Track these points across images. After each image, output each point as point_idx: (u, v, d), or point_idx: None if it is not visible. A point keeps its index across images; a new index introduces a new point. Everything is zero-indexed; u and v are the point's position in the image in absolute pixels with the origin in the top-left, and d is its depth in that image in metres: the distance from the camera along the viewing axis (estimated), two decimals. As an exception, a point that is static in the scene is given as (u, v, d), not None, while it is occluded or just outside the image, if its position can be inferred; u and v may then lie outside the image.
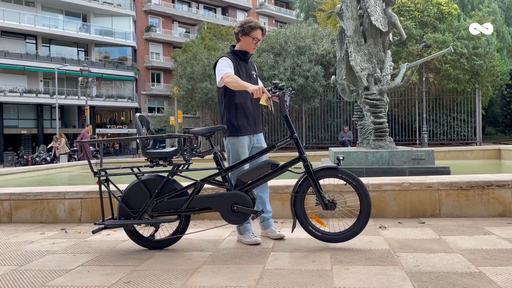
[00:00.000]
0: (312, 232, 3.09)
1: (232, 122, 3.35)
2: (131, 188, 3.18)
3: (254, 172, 3.09)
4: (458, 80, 20.14)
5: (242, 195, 3.04)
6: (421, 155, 6.62)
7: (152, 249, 3.20)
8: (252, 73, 3.52)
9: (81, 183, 7.47)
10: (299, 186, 3.12)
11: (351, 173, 3.11)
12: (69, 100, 34.54)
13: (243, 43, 3.42)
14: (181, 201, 3.09)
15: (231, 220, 3.06)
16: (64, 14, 35.65)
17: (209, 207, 3.09)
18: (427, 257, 2.76)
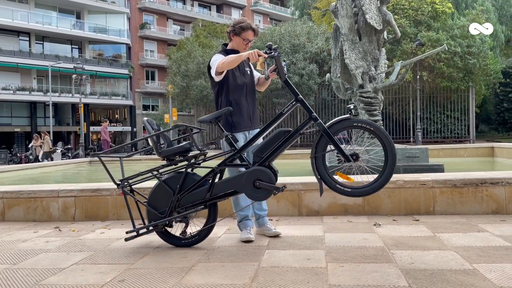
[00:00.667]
0: (342, 190, 2.92)
1: (227, 118, 3.34)
2: (154, 191, 3.17)
3: (268, 144, 3.02)
4: (452, 79, 20.25)
5: (262, 170, 2.97)
6: (415, 152, 6.65)
7: (186, 247, 3.14)
8: (246, 70, 3.51)
9: (76, 181, 7.44)
10: (316, 146, 2.96)
11: (366, 120, 3.00)
12: (63, 97, 34.32)
13: (234, 43, 3.44)
14: (204, 191, 3.06)
15: (255, 197, 2.99)
16: (58, 11, 35.37)
17: (232, 189, 3.04)
18: (421, 255, 2.77)
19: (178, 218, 3.11)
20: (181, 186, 3.08)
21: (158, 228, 3.13)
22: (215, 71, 3.29)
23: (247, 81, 3.45)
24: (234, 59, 3.15)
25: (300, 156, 13.40)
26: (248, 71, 3.52)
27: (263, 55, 3.02)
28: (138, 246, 3.25)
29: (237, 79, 3.39)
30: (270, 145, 3.01)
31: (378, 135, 2.88)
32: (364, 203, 4.11)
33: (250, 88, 3.48)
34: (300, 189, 4.20)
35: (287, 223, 3.90)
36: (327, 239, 3.23)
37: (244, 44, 3.41)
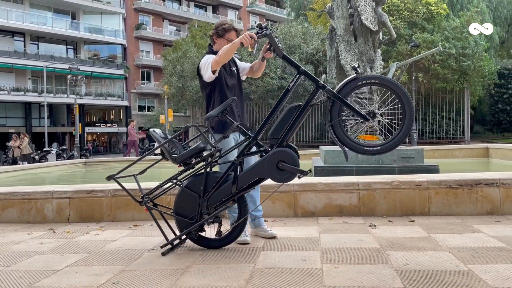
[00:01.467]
0: (370, 150, 2.88)
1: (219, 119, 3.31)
2: (178, 199, 3.12)
3: (282, 123, 2.96)
4: (447, 80, 20.34)
5: (282, 150, 2.90)
6: (411, 153, 6.67)
7: (225, 246, 3.11)
8: (233, 69, 3.51)
9: (70, 182, 7.41)
10: (331, 114, 2.91)
11: (374, 75, 2.95)
12: (58, 98, 34.17)
13: (219, 45, 3.40)
14: (229, 186, 3.00)
15: (280, 179, 2.91)
16: (53, 11, 35.22)
17: (257, 177, 2.97)
18: (416, 255, 2.77)
19: (210, 220, 3.03)
20: (205, 187, 3.03)
21: (191, 235, 3.07)
22: (211, 69, 3.25)
23: (235, 82, 3.46)
24: (229, 49, 3.11)
25: (296, 157, 13.39)
26: (235, 71, 3.51)
27: (255, 36, 3.01)
28: (132, 248, 3.23)
29: (227, 80, 3.39)
30: (284, 124, 2.94)
31: (391, 87, 2.84)
32: (360, 204, 4.11)
33: (238, 88, 3.49)
34: (296, 190, 4.19)
35: (283, 224, 3.89)
36: (323, 240, 3.23)
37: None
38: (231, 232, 3.11)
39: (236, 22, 45.28)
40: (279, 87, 19.70)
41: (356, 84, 2.88)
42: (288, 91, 3.02)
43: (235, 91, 3.44)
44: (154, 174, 3.32)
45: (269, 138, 2.99)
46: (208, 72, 3.27)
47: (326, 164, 6.88)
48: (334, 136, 2.93)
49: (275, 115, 3.09)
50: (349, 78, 2.91)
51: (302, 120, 2.99)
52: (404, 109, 2.83)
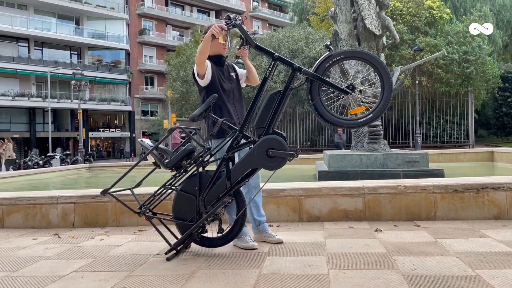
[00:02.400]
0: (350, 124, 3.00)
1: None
2: (176, 203, 3.13)
3: (265, 111, 2.97)
4: (451, 84, 20.31)
5: (270, 138, 2.90)
6: (415, 157, 6.64)
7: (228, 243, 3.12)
8: (231, 74, 3.50)
9: (75, 187, 7.42)
10: (311, 94, 2.96)
11: (347, 49, 3.06)
12: (62, 103, 34.32)
13: (213, 47, 3.37)
14: (223, 182, 3.00)
15: (272, 167, 2.91)
16: (57, 17, 35.45)
17: (249, 168, 2.97)
18: (423, 260, 2.75)
19: (210, 218, 3.03)
20: (199, 187, 3.04)
21: (193, 236, 3.07)
22: (197, 74, 3.30)
23: (233, 86, 3.45)
24: (202, 46, 3.15)
25: (299, 162, 13.38)
26: (234, 76, 3.50)
27: (225, 27, 3.06)
28: (138, 254, 3.22)
29: (224, 85, 3.37)
30: (267, 112, 2.97)
31: (367, 60, 2.92)
32: (365, 208, 4.09)
33: (237, 93, 3.48)
34: (301, 194, 4.18)
35: (288, 229, 3.88)
36: (328, 245, 3.21)
37: (222, 45, 3.39)
38: (233, 227, 3.10)
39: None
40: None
41: (331, 60, 2.94)
42: (265, 79, 3.05)
43: (233, 95, 3.43)
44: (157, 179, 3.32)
45: (255, 129, 3.01)
46: (198, 78, 3.32)
47: (331, 168, 6.87)
48: (318, 115, 2.99)
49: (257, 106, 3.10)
50: (323, 56, 2.98)
51: (285, 105, 3.01)
52: (382, 81, 2.89)
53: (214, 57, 3.40)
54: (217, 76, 3.35)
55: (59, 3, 34.15)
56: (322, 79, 2.92)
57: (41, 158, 23.63)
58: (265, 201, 4.19)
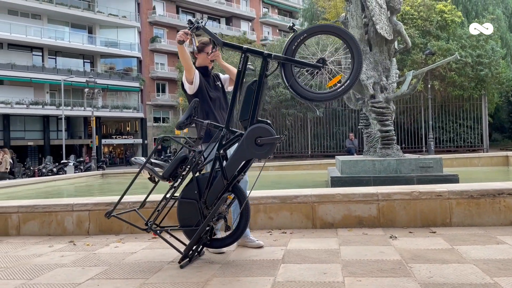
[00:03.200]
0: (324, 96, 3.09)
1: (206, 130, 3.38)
2: (179, 212, 3.16)
3: (246, 103, 3.06)
4: (464, 88, 20.10)
5: (255, 127, 2.96)
6: (429, 163, 6.58)
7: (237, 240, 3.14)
8: (217, 84, 3.73)
9: (89, 194, 7.49)
10: (286, 76, 3.08)
11: (309, 27, 3.16)
12: (75, 111, 34.76)
13: (200, 60, 3.69)
14: (220, 181, 3.04)
15: (262, 155, 2.96)
16: (70, 26, 36.02)
17: (242, 161, 3.02)
18: (440, 268, 2.71)
19: (214, 217, 3.06)
20: (199, 190, 3.08)
21: (203, 240, 3.10)
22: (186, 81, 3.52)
23: (219, 95, 3.67)
24: (179, 54, 3.42)
25: (311, 167, 13.35)
26: (219, 85, 3.73)
27: (189, 31, 3.20)
28: (152, 261, 3.24)
29: (210, 93, 3.60)
30: (248, 104, 3.05)
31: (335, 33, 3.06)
32: (379, 215, 4.06)
33: (223, 101, 3.69)
34: (314, 201, 4.16)
35: (301, 236, 3.86)
36: (343, 252, 3.19)
37: (208, 59, 3.65)
38: (239, 223, 3.12)
39: (249, 33, 45.64)
40: (292, 97, 19.72)
41: (296, 41, 3.07)
42: (239, 72, 3.16)
43: (219, 103, 3.65)
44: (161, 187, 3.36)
45: (240, 122, 3.09)
46: (187, 84, 3.52)
47: (343, 174, 6.83)
48: (297, 95, 3.09)
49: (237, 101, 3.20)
50: (289, 38, 3.11)
51: (263, 93, 3.11)
52: (352, 54, 2.98)
53: (200, 68, 3.67)
54: (204, 85, 3.59)
55: (72, 12, 34.71)
56: (292, 59, 3.04)
57: (55, 165, 23.93)
58: (278, 207, 4.20)
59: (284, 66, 3.06)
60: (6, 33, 31.44)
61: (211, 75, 3.75)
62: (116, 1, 37.71)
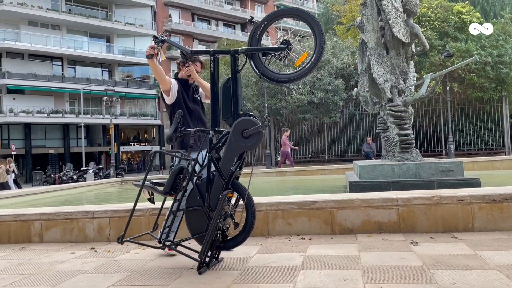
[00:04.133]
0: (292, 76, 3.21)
1: (182, 140, 3.51)
2: (188, 221, 3.21)
3: (226, 101, 3.18)
4: (484, 89, 19.74)
5: (240, 120, 3.07)
6: (450, 166, 6.47)
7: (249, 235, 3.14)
8: (196, 96, 3.89)
9: (108, 201, 7.58)
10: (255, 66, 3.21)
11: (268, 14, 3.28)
12: (94, 119, 35.36)
13: (182, 72, 3.85)
14: (218, 181, 3.10)
15: (251, 146, 3.06)
16: (89, 36, 36.75)
17: (234, 157, 3.09)
18: (463, 274, 2.66)
19: (221, 218, 3.09)
20: (201, 196, 3.14)
21: (216, 242, 3.13)
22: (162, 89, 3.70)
23: (197, 108, 3.84)
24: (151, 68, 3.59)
25: (328, 172, 13.26)
26: (198, 97, 3.89)
27: (155, 45, 3.35)
28: (172, 267, 3.26)
29: (188, 104, 3.75)
30: (227, 102, 3.17)
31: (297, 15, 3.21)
32: (399, 220, 4.01)
33: (201, 113, 3.87)
34: (333, 206, 4.14)
35: (320, 242, 3.84)
36: (363, 259, 3.16)
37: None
38: (246, 218, 3.14)
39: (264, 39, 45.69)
40: (309, 102, 19.69)
41: (258, 31, 3.22)
42: (212, 75, 3.30)
43: (198, 115, 3.82)
44: None
45: (225, 121, 3.18)
46: (164, 95, 3.72)
47: (361, 179, 6.77)
48: (271, 81, 3.26)
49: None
50: (251, 30, 3.27)
51: (240, 88, 3.23)
52: (313, 29, 3.08)
53: (182, 80, 3.85)
54: (183, 96, 3.75)
55: (91, 22, 35.40)
56: (256, 48, 3.18)
57: (75, 172, 24.34)
58: (296, 213, 4.18)
59: (252, 57, 3.19)
60: (27, 44, 32.25)
61: (191, 87, 3.90)
62: (133, 10, 38.35)
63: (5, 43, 31.33)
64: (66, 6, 35.46)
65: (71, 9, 35.44)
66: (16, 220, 4.70)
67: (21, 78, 31.91)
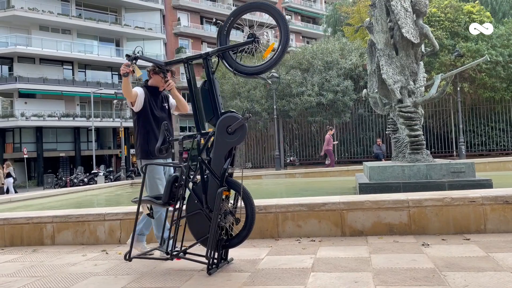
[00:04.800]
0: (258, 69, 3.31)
1: (143, 146, 3.68)
2: (191, 227, 3.28)
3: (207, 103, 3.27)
4: (495, 89, 19.52)
5: (223, 118, 3.16)
6: (461, 167, 6.40)
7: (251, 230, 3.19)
8: (164, 105, 3.92)
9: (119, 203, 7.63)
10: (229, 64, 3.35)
11: (232, 11, 3.37)
12: (105, 122, 35.64)
13: (154, 80, 3.91)
14: (213, 181, 3.17)
15: (237, 140, 3.14)
16: (99, 40, 37.08)
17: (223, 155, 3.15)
18: (475, 276, 2.64)
19: (221, 216, 3.13)
20: (198, 199, 3.21)
21: (222, 242, 3.16)
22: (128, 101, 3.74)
23: (164, 116, 3.85)
24: (123, 86, 3.62)
25: (338, 174, 13.21)
26: (166, 106, 3.93)
27: (128, 62, 3.45)
28: (182, 269, 3.27)
29: (154, 112, 3.78)
30: (208, 103, 3.28)
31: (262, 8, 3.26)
32: (410, 222, 3.98)
33: (167, 122, 3.79)
34: (343, 208, 4.12)
35: (331, 244, 3.82)
36: (374, 261, 3.14)
37: (162, 82, 3.84)
38: (246, 212, 3.18)
39: (272, 41, 45.76)
40: (318, 104, 19.63)
41: (224, 30, 3.38)
42: (189, 80, 3.42)
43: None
44: None
45: (209, 122, 3.29)
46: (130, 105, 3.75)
47: (371, 180, 6.73)
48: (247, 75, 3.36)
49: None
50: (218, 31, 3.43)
51: (217, 88, 3.36)
52: (279, 26, 3.19)
53: (150, 87, 3.89)
54: (150, 104, 3.78)
55: (101, 26, 35.71)
56: (225, 47, 3.30)
57: (86, 175, 24.54)
58: (306, 215, 4.17)
59: (224, 56, 3.31)
60: (38, 49, 32.64)
61: (160, 95, 3.93)
62: (142, 14, 38.62)
63: (17, 47, 31.73)
64: (77, 11, 35.83)
65: (81, 13, 35.80)
66: (28, 222, 4.76)
67: (32, 82, 32.28)
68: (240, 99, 21.14)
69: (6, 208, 7.90)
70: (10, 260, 4.02)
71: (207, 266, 3.08)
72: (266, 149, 22.10)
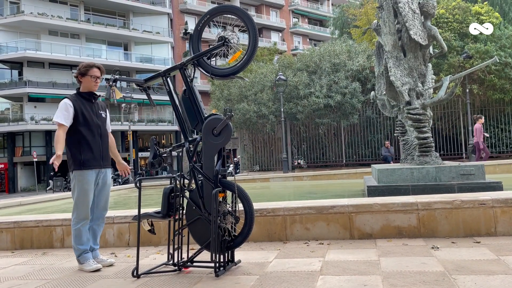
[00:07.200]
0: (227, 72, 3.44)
1: (76, 156, 3.54)
2: (193, 234, 3.31)
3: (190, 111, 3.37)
4: (504, 90, 19.35)
5: (207, 122, 3.24)
6: (471, 170, 6.34)
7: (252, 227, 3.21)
8: (100, 113, 3.78)
9: (127, 207, 7.66)
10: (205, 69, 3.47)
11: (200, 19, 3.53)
12: (113, 125, 35.55)
13: (85, 83, 3.75)
14: (207, 185, 3.21)
15: (223, 142, 3.21)
16: (107, 44, 37.38)
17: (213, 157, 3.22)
18: (486, 279, 2.61)
19: (220, 217, 3.17)
20: (196, 205, 3.25)
21: (224, 243, 3.17)
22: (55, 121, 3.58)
23: (100, 123, 3.73)
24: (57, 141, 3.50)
25: (346, 176, 13.16)
26: (103, 115, 3.81)
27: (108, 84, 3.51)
28: (191, 272, 3.27)
29: (88, 120, 3.62)
30: (191, 111, 3.39)
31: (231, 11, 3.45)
32: (419, 224, 3.95)
33: (103, 129, 3.76)
34: (351, 211, 4.10)
35: (339, 247, 3.81)
36: (383, 264, 3.13)
37: (93, 81, 3.74)
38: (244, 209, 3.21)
39: (280, 44, 45.85)
40: (325, 106, 19.59)
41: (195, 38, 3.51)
42: (169, 92, 3.55)
43: (100, 131, 3.73)
44: None
45: (194, 129, 3.37)
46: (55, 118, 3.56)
47: (380, 183, 6.70)
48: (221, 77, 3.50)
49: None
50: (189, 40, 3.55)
51: (198, 95, 3.47)
52: (248, 30, 3.28)
53: (84, 93, 3.72)
54: (81, 113, 3.59)
55: (109, 31, 36.01)
56: (199, 54, 3.40)
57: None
58: (314, 218, 4.16)
59: (199, 63, 3.42)
60: (47, 53, 32.98)
61: (96, 102, 3.79)
62: (150, 18, 38.88)
63: (26, 52, 32.08)
64: (85, 16, 36.18)
65: (90, 18, 36.13)
66: (38, 226, 4.80)
67: (41, 87, 32.60)
68: (247, 102, 21.16)
69: (15, 211, 7.97)
70: (20, 263, 4.05)
71: (214, 269, 3.09)
72: (274, 152, 22.08)
